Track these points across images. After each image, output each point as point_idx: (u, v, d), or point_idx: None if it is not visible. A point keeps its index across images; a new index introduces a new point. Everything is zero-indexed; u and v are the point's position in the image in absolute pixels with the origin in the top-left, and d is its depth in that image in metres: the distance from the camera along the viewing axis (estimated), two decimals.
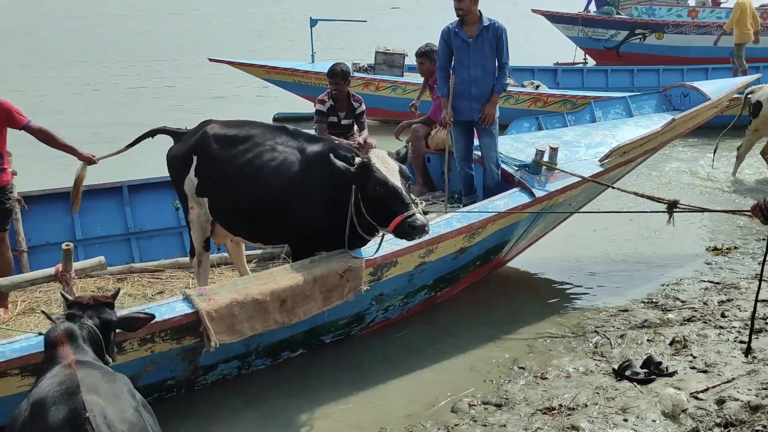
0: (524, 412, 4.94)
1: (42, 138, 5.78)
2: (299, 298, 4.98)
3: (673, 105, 8.34)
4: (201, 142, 5.58)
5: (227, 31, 31.00)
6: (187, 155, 5.63)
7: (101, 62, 22.01)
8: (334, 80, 7.17)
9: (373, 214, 5.09)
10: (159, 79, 19.69)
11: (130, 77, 19.77)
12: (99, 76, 19.81)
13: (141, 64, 22.17)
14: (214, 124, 5.70)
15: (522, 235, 6.84)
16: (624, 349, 5.75)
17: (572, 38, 21.34)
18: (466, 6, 6.46)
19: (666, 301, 6.66)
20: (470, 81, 6.59)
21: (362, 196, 5.09)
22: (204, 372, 5.15)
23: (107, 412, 2.86)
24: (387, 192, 4.97)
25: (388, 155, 5.23)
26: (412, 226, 4.88)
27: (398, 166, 5.12)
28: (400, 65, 14.14)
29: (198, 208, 5.69)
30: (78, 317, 3.47)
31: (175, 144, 5.86)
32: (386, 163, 5.08)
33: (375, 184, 4.98)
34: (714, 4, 21.38)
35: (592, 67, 18.03)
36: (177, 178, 5.77)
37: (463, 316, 6.49)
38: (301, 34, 18.91)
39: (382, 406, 5.16)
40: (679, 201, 5.70)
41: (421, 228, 4.91)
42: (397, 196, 4.96)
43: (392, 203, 4.96)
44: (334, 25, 17.89)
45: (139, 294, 6.06)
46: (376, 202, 5.03)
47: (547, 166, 6.55)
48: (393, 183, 4.97)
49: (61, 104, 15.52)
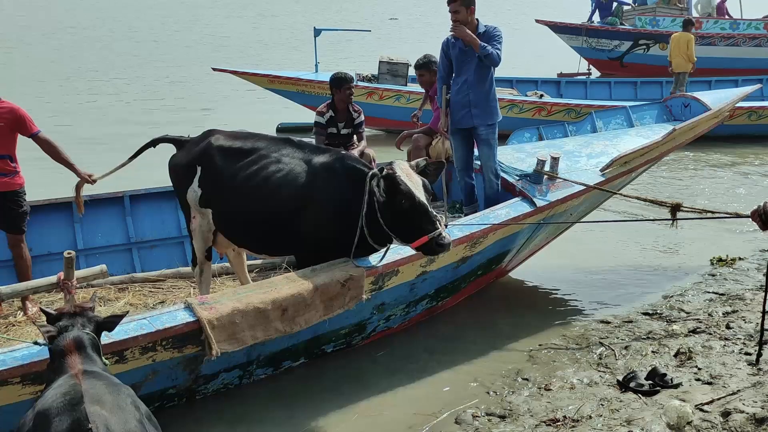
0: (528, 423, 4.92)
1: (46, 149, 6.02)
2: (300, 306, 4.95)
3: (674, 115, 8.34)
4: (206, 154, 5.56)
5: (231, 41, 31.14)
6: (191, 165, 5.61)
7: (97, 72, 22.09)
8: (347, 86, 7.23)
9: (395, 228, 5.02)
10: (161, 89, 19.80)
11: (129, 87, 19.89)
12: (95, 86, 19.90)
13: (140, 73, 22.29)
14: (218, 135, 5.67)
15: (524, 245, 6.83)
16: (628, 361, 5.73)
17: (576, 48, 21.42)
18: (462, 17, 6.46)
19: (671, 312, 6.63)
20: (468, 87, 6.60)
21: (384, 207, 5.02)
22: (205, 381, 5.13)
23: (110, 423, 2.87)
24: (413, 208, 4.89)
25: (410, 167, 5.12)
26: (440, 244, 4.84)
27: (421, 180, 5.02)
28: (404, 75, 14.22)
29: (200, 218, 5.67)
30: (72, 327, 3.46)
31: (178, 152, 5.83)
32: (410, 176, 5.00)
33: (402, 198, 4.91)
34: (719, 15, 21.42)
35: (596, 79, 18.06)
36: (179, 186, 5.75)
37: (466, 326, 6.47)
38: (299, 45, 19.08)
39: (383, 417, 5.13)
40: (682, 204, 5.71)
41: (447, 246, 4.88)
42: (424, 213, 4.88)
43: (418, 220, 4.88)
44: (335, 36, 17.97)
45: (140, 303, 6.05)
46: (400, 217, 4.96)
47: (548, 176, 6.55)
48: (420, 199, 4.89)
49: (65, 112, 15.59)
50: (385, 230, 5.09)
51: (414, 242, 4.92)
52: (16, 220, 5.99)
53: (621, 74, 19.58)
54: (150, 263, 6.98)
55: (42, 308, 3.66)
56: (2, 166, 5.88)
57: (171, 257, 7.08)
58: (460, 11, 6.44)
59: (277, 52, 27.03)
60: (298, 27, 31.50)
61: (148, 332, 4.51)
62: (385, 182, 4.99)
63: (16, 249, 6.01)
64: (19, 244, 6.02)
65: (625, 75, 18.93)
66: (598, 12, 21.80)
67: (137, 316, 4.72)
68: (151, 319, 4.62)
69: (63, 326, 3.45)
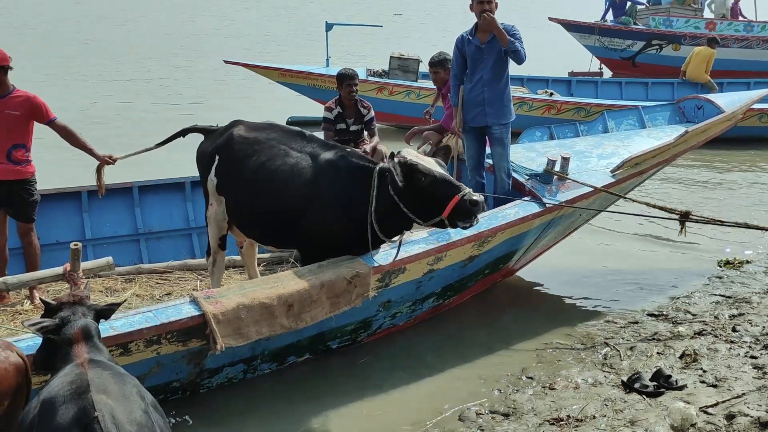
0: (532, 422, 4.94)
1: (64, 135, 6.10)
2: (306, 303, 4.98)
3: (687, 117, 8.30)
4: (225, 144, 5.69)
5: (244, 34, 31.21)
6: (212, 154, 5.75)
7: (112, 64, 22.19)
8: (348, 82, 7.24)
9: (420, 210, 5.03)
10: (175, 80, 19.86)
11: (142, 78, 19.95)
12: (110, 77, 19.98)
13: (156, 64, 22.37)
14: (241, 126, 5.78)
15: (531, 245, 6.84)
16: (633, 362, 5.74)
17: (588, 47, 21.36)
18: (492, 9, 6.44)
19: (677, 314, 6.63)
20: (483, 85, 6.58)
21: (404, 195, 5.02)
22: (209, 375, 5.17)
23: (116, 412, 2.88)
24: (435, 180, 4.94)
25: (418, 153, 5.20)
26: (472, 202, 4.82)
27: (434, 160, 5.13)
28: (415, 71, 14.23)
29: (217, 205, 5.79)
30: (74, 315, 3.49)
31: (205, 140, 5.99)
32: (421, 158, 5.09)
33: (421, 176, 4.95)
34: (733, 16, 21.33)
35: (607, 79, 17.99)
36: (202, 173, 5.90)
37: (471, 325, 6.50)
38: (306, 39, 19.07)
39: (388, 414, 5.17)
40: (691, 212, 5.68)
41: (480, 204, 4.86)
42: (446, 181, 4.95)
43: (443, 189, 4.92)
44: (344, 31, 17.96)
45: (146, 295, 6.10)
46: (424, 194, 4.97)
47: (558, 176, 6.55)
48: (439, 171, 4.98)
49: (79, 103, 15.65)
50: (397, 221, 5.14)
51: (444, 211, 4.90)
52: (27, 208, 6.05)
53: (632, 74, 19.52)
54: (157, 254, 7.02)
55: (42, 298, 3.70)
56: (16, 155, 5.94)
57: (178, 249, 7.13)
58: (493, 2, 6.43)
59: (290, 46, 27.14)
60: (311, 21, 31.58)
61: (153, 325, 4.54)
62: (400, 168, 5.00)
63: (26, 238, 6.07)
64: (29, 233, 6.08)
65: (637, 75, 18.86)
66: (612, 11, 21.73)
67: (143, 308, 4.77)
68: (157, 312, 4.65)
69: (65, 316, 3.48)
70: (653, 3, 22.15)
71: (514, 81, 14.72)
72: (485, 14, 6.37)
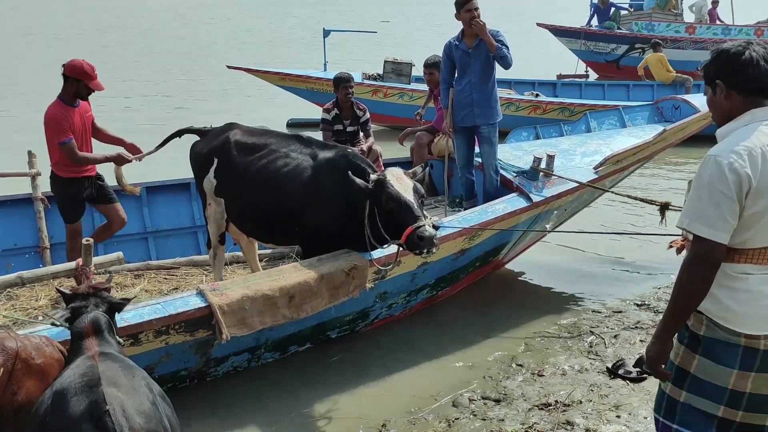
0: (522, 407, 5.07)
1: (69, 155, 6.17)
2: (307, 294, 5.08)
3: (665, 116, 8.54)
4: (223, 147, 5.79)
5: (245, 40, 31.27)
6: (209, 156, 5.85)
7: (119, 70, 22.28)
8: (344, 85, 7.44)
9: (386, 227, 5.11)
10: (176, 85, 19.96)
11: (145, 84, 20.02)
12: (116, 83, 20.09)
13: (158, 69, 22.45)
14: (237, 130, 5.89)
15: (520, 239, 6.99)
16: (618, 349, 5.89)
17: (575, 51, 21.62)
18: (479, 14, 6.63)
19: (658, 303, 6.77)
20: (471, 87, 6.78)
21: (377, 210, 5.15)
22: (215, 364, 5.28)
23: (126, 404, 2.93)
24: (399, 206, 4.99)
25: (404, 173, 5.23)
26: (420, 236, 4.84)
27: (413, 184, 5.13)
28: (408, 74, 14.46)
29: (215, 205, 5.92)
30: (84, 307, 3.56)
31: (200, 141, 6.08)
32: (401, 180, 5.12)
33: (388, 198, 5.01)
34: (711, 21, 21.68)
35: (590, 82, 18.29)
36: (198, 174, 6.00)
37: (464, 315, 6.62)
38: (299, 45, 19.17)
39: (385, 400, 5.26)
40: (670, 203, 5.91)
41: (429, 239, 4.84)
42: (408, 209, 4.96)
43: (403, 216, 4.96)
44: (337, 37, 18.19)
45: (155, 290, 6.19)
46: (388, 216, 5.07)
47: (544, 173, 6.74)
48: (405, 198, 4.99)
49: None
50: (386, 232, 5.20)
51: (402, 236, 4.99)
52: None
53: (617, 76, 19.79)
54: (165, 251, 7.17)
55: (58, 288, 3.75)
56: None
57: (185, 246, 7.28)
58: (479, 9, 6.63)
59: (289, 51, 27.29)
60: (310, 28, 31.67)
61: (161, 316, 4.65)
62: (375, 186, 5.12)
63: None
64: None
65: (621, 77, 19.14)
66: (597, 16, 21.99)
67: (152, 301, 4.87)
68: (165, 304, 4.76)
69: (77, 306, 3.56)
70: (636, 8, 22.47)
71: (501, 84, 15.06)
72: (476, 21, 6.57)
